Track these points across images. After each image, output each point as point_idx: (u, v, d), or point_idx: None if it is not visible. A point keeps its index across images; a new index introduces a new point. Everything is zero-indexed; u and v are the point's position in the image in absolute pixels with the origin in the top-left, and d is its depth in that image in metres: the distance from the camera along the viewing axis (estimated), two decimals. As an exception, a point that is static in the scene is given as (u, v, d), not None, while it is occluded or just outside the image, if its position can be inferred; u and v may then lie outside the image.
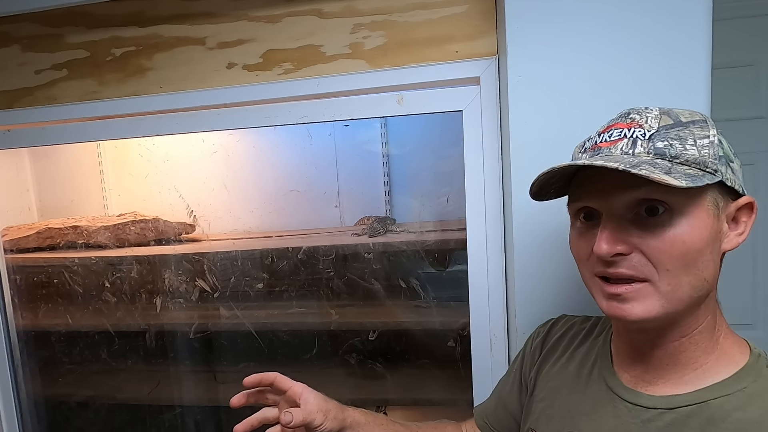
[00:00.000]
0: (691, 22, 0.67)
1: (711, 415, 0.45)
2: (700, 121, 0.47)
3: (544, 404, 0.59)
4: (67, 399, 1.33)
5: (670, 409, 0.47)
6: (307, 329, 1.25)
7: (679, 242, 0.45)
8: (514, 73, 0.72)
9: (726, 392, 0.46)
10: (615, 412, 0.51)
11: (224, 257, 1.24)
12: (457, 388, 1.12)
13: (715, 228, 0.46)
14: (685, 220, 0.45)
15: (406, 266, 1.19)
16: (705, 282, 0.46)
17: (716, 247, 0.46)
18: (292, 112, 0.90)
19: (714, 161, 0.45)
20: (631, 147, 0.47)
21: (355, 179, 1.33)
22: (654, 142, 0.46)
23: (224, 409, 1.39)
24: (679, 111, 0.48)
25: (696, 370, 0.48)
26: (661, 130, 0.46)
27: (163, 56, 0.93)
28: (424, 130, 1.28)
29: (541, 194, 0.54)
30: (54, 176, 1.46)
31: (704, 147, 0.45)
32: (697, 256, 0.45)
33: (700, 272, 0.46)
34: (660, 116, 0.47)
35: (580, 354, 0.60)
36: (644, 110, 0.48)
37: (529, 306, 0.76)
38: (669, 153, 0.45)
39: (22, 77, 0.99)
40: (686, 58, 0.67)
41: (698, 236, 0.45)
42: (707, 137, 0.46)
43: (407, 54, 0.84)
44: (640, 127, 0.47)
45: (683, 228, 0.45)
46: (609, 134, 0.49)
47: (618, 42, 0.69)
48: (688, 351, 0.48)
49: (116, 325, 1.28)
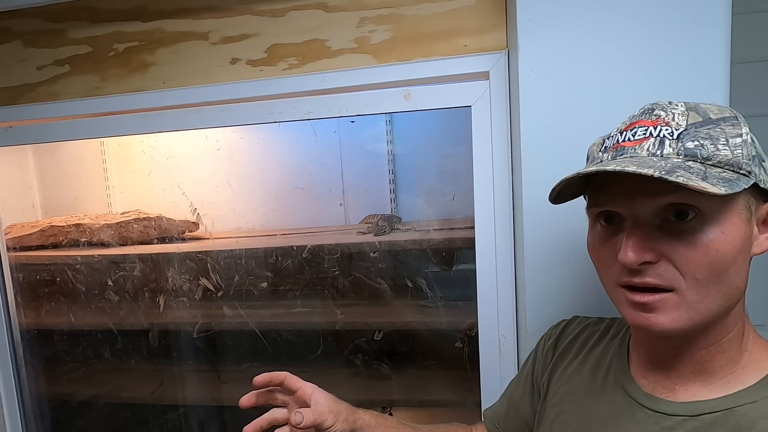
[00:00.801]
0: (710, 16, 0.65)
1: (737, 423, 0.43)
2: (731, 118, 0.44)
3: (557, 409, 0.58)
4: (70, 398, 1.33)
5: (693, 416, 0.45)
6: (312, 329, 1.23)
7: (713, 250, 0.42)
8: (525, 68, 0.70)
9: (752, 399, 0.44)
10: (634, 418, 0.49)
11: (228, 256, 1.23)
12: (464, 389, 1.10)
13: (747, 233, 0.43)
14: (717, 226, 0.42)
15: (413, 265, 1.18)
16: (736, 290, 0.44)
17: (747, 253, 0.44)
18: (296, 108, 0.88)
19: (748, 162, 0.42)
20: (658, 147, 0.43)
21: (360, 177, 1.32)
22: (683, 141, 0.43)
23: (228, 409, 1.39)
24: (706, 107, 0.45)
25: (722, 378, 0.46)
26: (691, 129, 0.43)
27: (166, 51, 0.92)
28: (430, 127, 1.26)
29: (560, 198, 0.51)
30: (57, 173, 1.45)
31: (737, 147, 0.42)
32: (730, 265, 0.42)
33: (732, 281, 0.43)
34: (687, 112, 0.44)
35: (594, 357, 0.58)
36: (669, 106, 0.45)
37: (539, 306, 0.74)
38: (701, 154, 0.42)
39: (24, 73, 0.98)
40: (705, 52, 0.65)
41: (732, 243, 0.42)
42: (740, 136, 0.42)
43: (414, 48, 0.83)
44: (667, 125, 0.44)
45: (716, 234, 0.42)
46: (633, 132, 0.45)
47: (633, 36, 0.67)
48: (715, 360, 0.46)
49: (119, 323, 1.27)
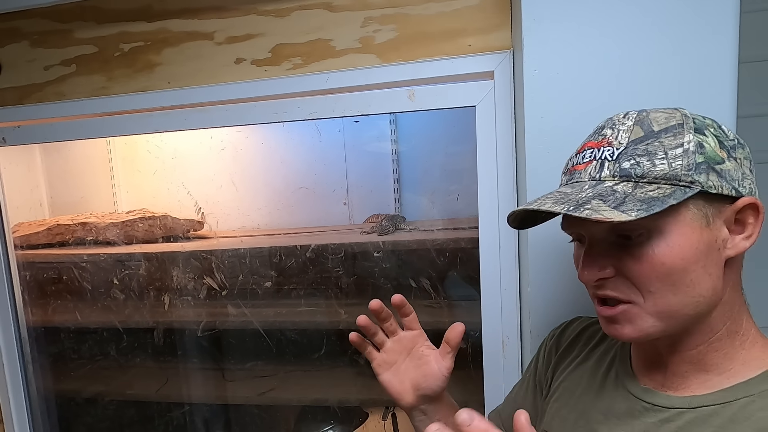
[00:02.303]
0: (717, 15, 0.64)
1: (733, 415, 0.43)
2: (674, 127, 0.44)
3: (558, 404, 0.58)
4: (76, 395, 1.34)
5: (690, 408, 0.46)
6: (316, 328, 1.24)
7: (658, 264, 0.43)
8: (530, 67, 0.70)
9: (750, 392, 0.44)
10: (632, 412, 0.49)
11: (232, 255, 1.23)
12: (467, 390, 1.10)
13: (704, 240, 0.43)
14: (663, 239, 0.43)
15: (416, 265, 1.18)
16: (700, 297, 0.44)
17: (712, 258, 0.44)
18: (301, 108, 0.88)
19: (688, 172, 0.42)
20: (598, 170, 0.45)
21: (364, 176, 1.32)
22: (620, 162, 0.44)
23: (232, 407, 1.39)
24: (656, 116, 0.45)
25: (720, 375, 0.46)
26: (630, 146, 0.44)
27: (172, 51, 0.93)
28: (434, 127, 1.26)
29: (528, 225, 0.55)
30: (64, 172, 1.47)
31: (677, 158, 0.43)
32: (682, 275, 0.43)
33: (691, 289, 0.43)
34: (633, 127, 0.45)
35: (597, 355, 0.58)
36: (619, 121, 0.47)
37: (543, 307, 0.74)
38: (635, 173, 0.43)
39: (32, 73, 0.99)
40: (712, 51, 0.65)
41: (679, 255, 0.43)
42: (681, 146, 0.43)
43: (419, 48, 0.82)
44: (609, 146, 0.45)
45: (661, 248, 0.43)
46: (582, 156, 0.48)
47: (639, 35, 0.66)
48: (708, 357, 0.46)
49: (125, 322, 1.28)
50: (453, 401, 0.67)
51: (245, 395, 1.24)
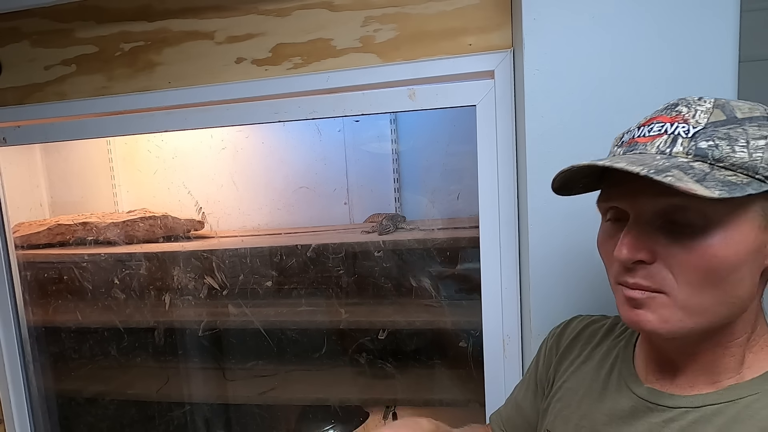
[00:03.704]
0: (717, 14, 0.64)
1: (737, 413, 0.43)
2: (759, 118, 0.41)
3: (560, 405, 0.58)
4: (77, 395, 1.34)
5: (694, 407, 0.45)
6: (316, 328, 1.24)
7: (710, 255, 0.40)
8: (530, 67, 0.70)
9: (755, 391, 0.43)
10: (636, 413, 0.49)
11: (233, 254, 1.23)
12: (468, 389, 1.10)
13: (758, 241, 0.41)
14: (721, 231, 0.40)
15: (417, 264, 1.18)
16: (738, 299, 0.42)
17: (757, 263, 0.42)
18: (301, 108, 0.88)
19: (767, 166, 0.39)
20: (669, 145, 0.42)
21: (364, 176, 1.32)
22: (697, 141, 0.41)
23: (233, 407, 1.39)
24: (737, 104, 0.42)
25: (729, 378, 0.45)
26: (709, 128, 0.41)
27: (172, 51, 0.92)
28: (434, 126, 1.26)
29: (566, 189, 0.51)
30: (65, 172, 1.47)
31: (758, 149, 0.40)
32: (729, 272, 0.41)
33: (731, 289, 0.41)
34: (712, 110, 0.42)
35: (599, 354, 0.57)
36: (695, 102, 0.43)
37: (544, 306, 0.74)
38: (712, 155, 0.40)
39: (32, 73, 0.99)
40: (712, 50, 0.65)
41: (734, 251, 0.40)
42: (764, 138, 0.40)
43: (419, 47, 0.82)
44: (685, 123, 0.42)
45: (717, 240, 0.40)
46: (649, 128, 0.44)
47: (639, 34, 0.66)
48: (721, 361, 0.45)
49: (125, 321, 1.28)
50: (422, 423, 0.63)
51: (246, 395, 1.24)
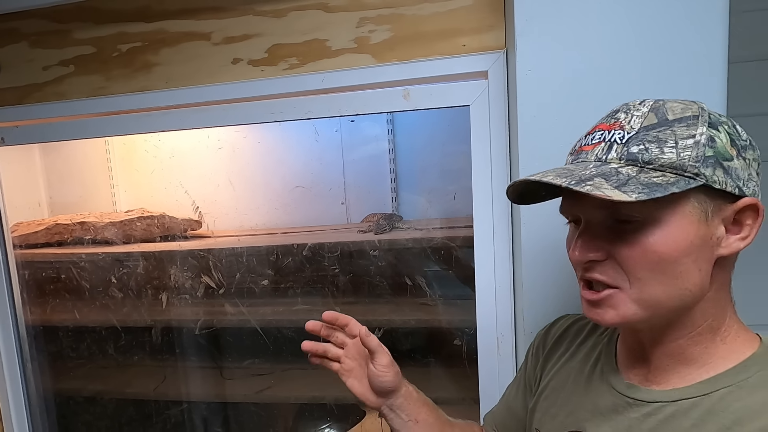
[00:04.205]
0: (707, 15, 0.65)
1: (711, 406, 0.44)
2: (689, 118, 0.44)
3: (547, 403, 0.59)
4: (74, 394, 1.34)
5: (671, 401, 0.46)
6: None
7: (651, 251, 0.43)
8: (522, 67, 0.71)
9: (728, 383, 0.44)
10: (616, 408, 0.50)
11: (230, 254, 1.24)
12: (462, 386, 1.11)
13: (700, 235, 0.43)
14: (659, 228, 0.43)
15: (413, 263, 1.18)
16: (686, 290, 0.44)
17: (704, 254, 0.44)
18: (297, 108, 0.89)
19: (695, 164, 0.42)
20: (605, 152, 0.45)
21: (361, 176, 1.32)
22: (629, 146, 0.44)
23: (230, 405, 1.40)
24: (672, 105, 0.45)
25: (700, 368, 0.47)
26: (641, 132, 0.44)
27: (170, 52, 0.93)
28: (431, 126, 1.27)
29: (530, 200, 0.54)
30: (63, 172, 1.47)
31: (686, 149, 0.42)
32: (672, 266, 0.43)
33: (679, 281, 0.44)
34: (647, 114, 0.45)
35: (583, 352, 0.59)
36: (634, 107, 0.46)
37: (537, 305, 0.75)
38: (642, 158, 0.43)
39: (31, 73, 1.00)
40: (702, 51, 0.65)
41: (673, 245, 0.43)
42: (692, 137, 0.43)
43: (414, 48, 0.83)
44: (621, 129, 0.45)
45: (656, 237, 0.43)
46: (592, 137, 0.48)
47: (630, 36, 0.67)
48: (689, 351, 0.47)
49: (123, 320, 1.29)
50: (424, 397, 0.66)
51: (243, 393, 1.24)
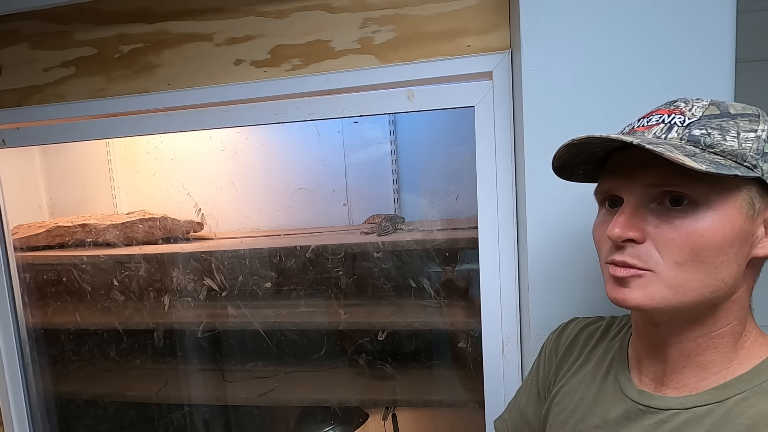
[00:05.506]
0: (715, 15, 0.64)
1: (726, 413, 0.43)
2: (751, 115, 0.44)
3: (558, 408, 0.58)
4: (76, 396, 1.34)
5: (684, 409, 0.45)
6: (316, 329, 1.24)
7: (697, 236, 0.42)
8: (528, 68, 0.70)
9: (743, 389, 0.44)
10: (628, 415, 0.49)
11: (232, 256, 1.23)
12: (467, 389, 1.10)
13: (745, 229, 0.43)
14: (710, 213, 0.42)
15: (416, 265, 1.18)
16: (721, 283, 0.43)
17: (744, 249, 0.43)
18: (300, 109, 0.88)
19: (755, 156, 0.42)
20: (665, 132, 0.44)
21: (363, 177, 1.32)
22: (691, 129, 0.43)
23: (232, 408, 1.39)
24: (731, 104, 0.45)
25: (717, 374, 0.46)
26: (703, 119, 0.44)
27: (171, 53, 0.93)
28: (433, 127, 1.26)
29: (567, 173, 0.53)
30: (64, 174, 1.47)
31: (747, 140, 0.42)
32: (715, 253, 0.42)
33: (717, 271, 0.43)
34: (708, 106, 0.45)
35: (596, 357, 0.58)
36: (693, 100, 0.46)
37: (542, 307, 0.74)
38: (704, 141, 0.42)
39: (32, 75, 0.99)
40: (709, 51, 0.65)
41: (721, 233, 0.42)
42: (754, 131, 0.42)
43: (418, 49, 0.83)
44: (681, 114, 0.44)
45: (705, 222, 0.42)
46: (648, 119, 0.47)
47: (637, 36, 0.67)
48: (707, 354, 0.46)
49: (125, 323, 1.28)
50: None
51: (245, 396, 1.24)
